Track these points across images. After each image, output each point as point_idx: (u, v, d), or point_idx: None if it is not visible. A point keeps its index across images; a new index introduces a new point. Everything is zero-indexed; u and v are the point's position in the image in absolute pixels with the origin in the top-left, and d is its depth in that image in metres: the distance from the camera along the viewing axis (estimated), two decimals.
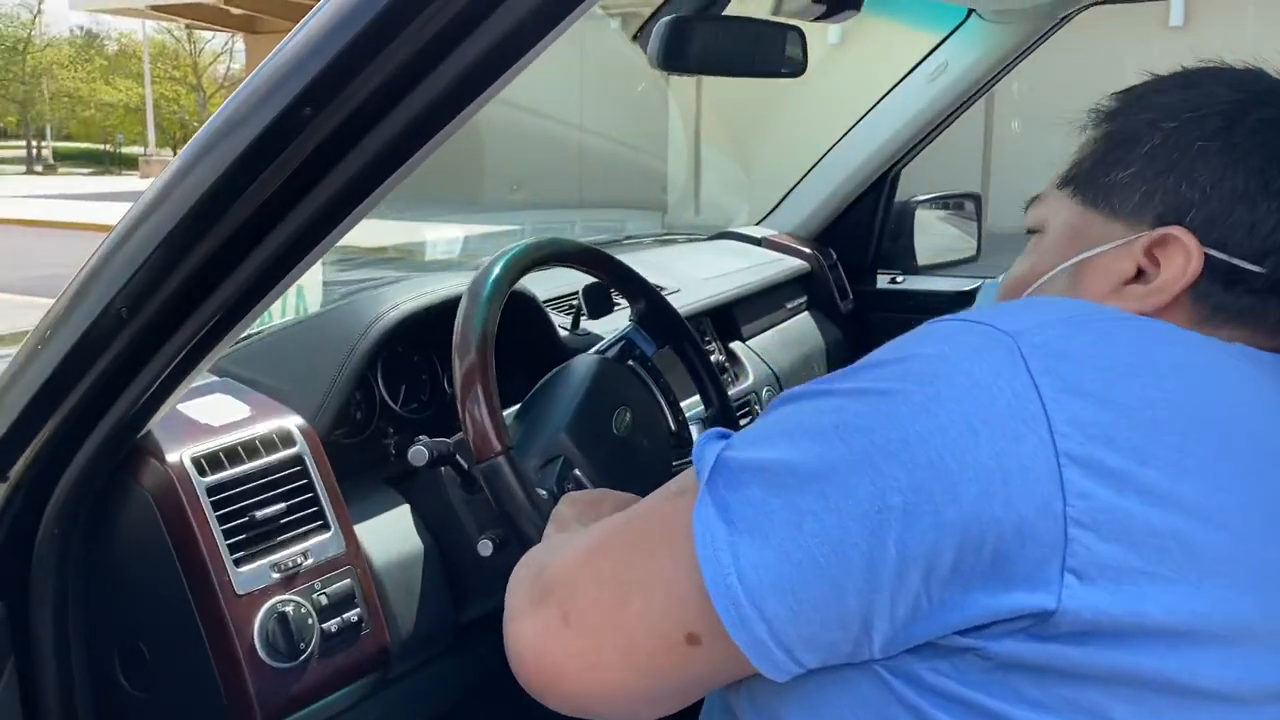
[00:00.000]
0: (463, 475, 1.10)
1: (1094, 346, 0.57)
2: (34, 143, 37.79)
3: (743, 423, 1.53)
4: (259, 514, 1.03)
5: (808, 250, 2.26)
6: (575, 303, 1.58)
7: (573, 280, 1.51)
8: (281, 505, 1.05)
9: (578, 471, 1.07)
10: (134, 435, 0.98)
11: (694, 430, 1.29)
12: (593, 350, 1.26)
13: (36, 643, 1.04)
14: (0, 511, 0.98)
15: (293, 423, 1.10)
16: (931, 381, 0.56)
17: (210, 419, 1.07)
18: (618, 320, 1.53)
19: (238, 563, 1.01)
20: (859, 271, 2.35)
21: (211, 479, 1.02)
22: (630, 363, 1.27)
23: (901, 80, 2.12)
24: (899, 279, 2.35)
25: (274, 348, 1.23)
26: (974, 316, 0.60)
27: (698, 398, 1.38)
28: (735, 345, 1.87)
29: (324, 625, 1.05)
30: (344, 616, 1.07)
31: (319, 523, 1.08)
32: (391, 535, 1.17)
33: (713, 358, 1.68)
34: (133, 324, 0.87)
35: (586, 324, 1.51)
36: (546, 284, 1.57)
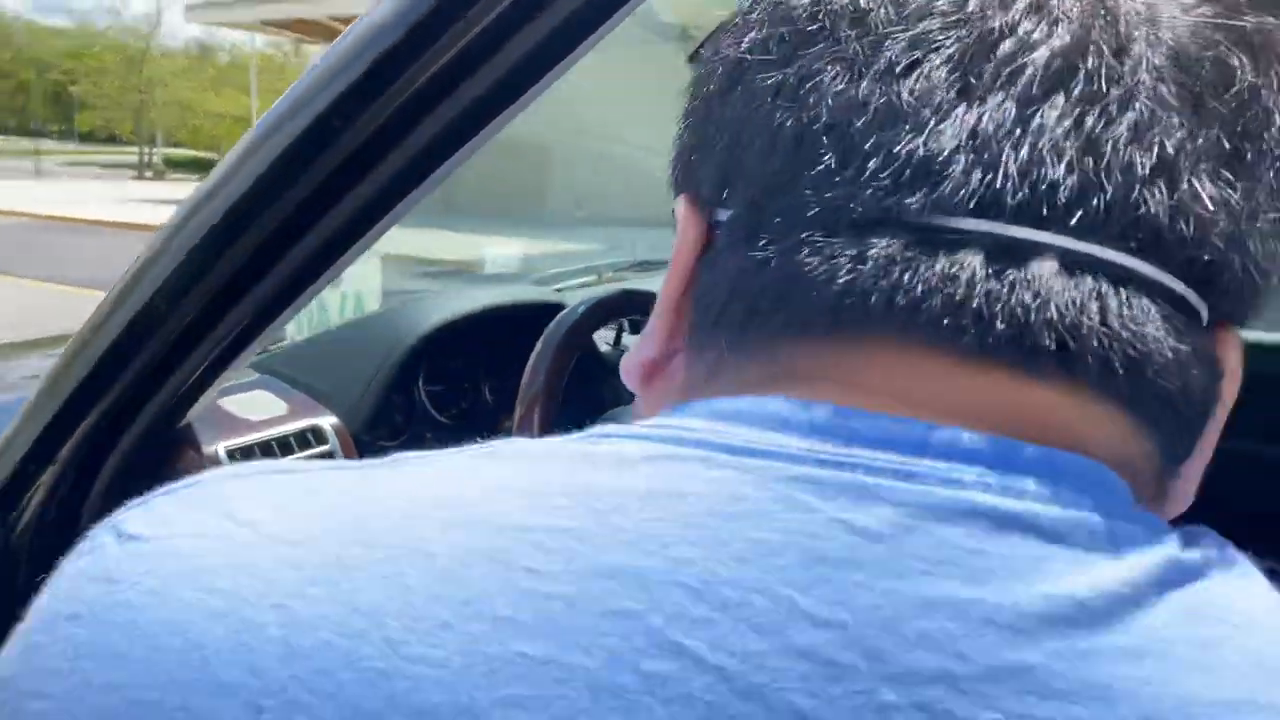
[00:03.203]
0: None
1: None
2: (145, 149, 39.50)
3: None
4: None
5: None
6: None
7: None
8: None
9: None
10: (172, 426, 1.03)
11: None
12: None
13: None
14: (50, 490, 1.04)
15: (326, 421, 1.15)
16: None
17: (249, 414, 1.12)
18: None
19: None
20: None
21: None
22: None
23: None
24: None
25: (321, 350, 1.28)
26: None
27: None
28: None
29: None
30: None
31: None
32: None
33: None
34: (172, 320, 0.92)
35: (630, 340, 1.53)
36: (587, 294, 1.59)
